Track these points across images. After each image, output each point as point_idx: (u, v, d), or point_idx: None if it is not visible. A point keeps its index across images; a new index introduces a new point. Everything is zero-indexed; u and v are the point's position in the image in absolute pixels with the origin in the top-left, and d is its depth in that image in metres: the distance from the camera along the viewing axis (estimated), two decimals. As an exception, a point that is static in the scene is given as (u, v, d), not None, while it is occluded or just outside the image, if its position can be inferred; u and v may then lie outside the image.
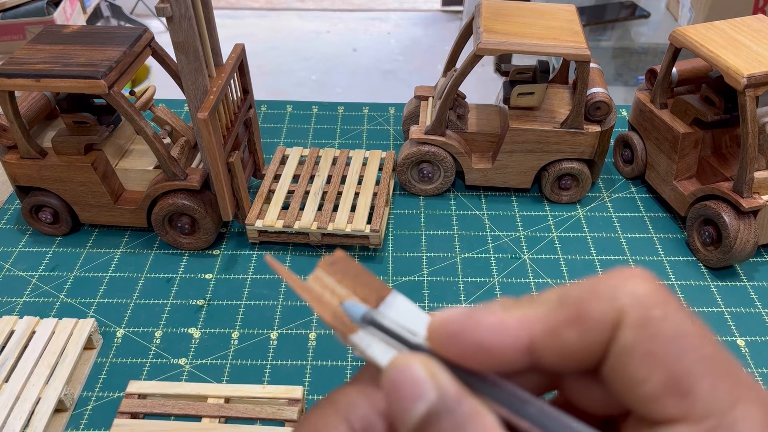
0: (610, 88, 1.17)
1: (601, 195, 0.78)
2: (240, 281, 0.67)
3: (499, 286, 0.66)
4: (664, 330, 0.18)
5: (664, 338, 0.18)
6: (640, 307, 0.18)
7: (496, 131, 0.76)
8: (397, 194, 0.78)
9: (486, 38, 0.66)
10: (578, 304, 0.19)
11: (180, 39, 0.56)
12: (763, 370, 0.58)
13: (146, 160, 0.69)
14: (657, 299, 0.18)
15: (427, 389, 0.18)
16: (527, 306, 0.20)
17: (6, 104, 0.61)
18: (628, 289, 0.19)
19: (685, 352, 0.18)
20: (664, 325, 0.18)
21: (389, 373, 0.19)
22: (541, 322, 0.19)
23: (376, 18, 2.92)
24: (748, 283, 0.67)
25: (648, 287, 0.19)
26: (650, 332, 0.18)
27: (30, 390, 0.53)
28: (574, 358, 0.19)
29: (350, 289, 0.22)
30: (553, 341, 0.19)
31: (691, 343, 0.18)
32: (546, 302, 0.19)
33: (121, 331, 0.61)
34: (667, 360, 0.17)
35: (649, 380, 0.18)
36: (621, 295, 0.18)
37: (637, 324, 0.18)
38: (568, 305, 0.19)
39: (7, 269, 0.68)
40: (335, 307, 0.22)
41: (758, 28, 0.67)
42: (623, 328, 0.18)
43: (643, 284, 0.19)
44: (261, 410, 0.50)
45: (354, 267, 0.23)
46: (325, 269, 0.23)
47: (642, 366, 0.18)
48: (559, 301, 0.19)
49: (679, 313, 0.18)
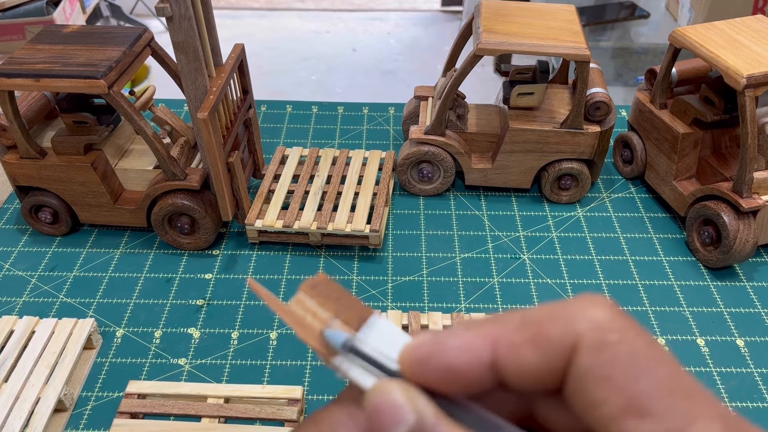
0: (610, 88, 1.17)
1: (600, 195, 0.78)
2: (240, 281, 0.67)
3: (499, 286, 0.66)
4: (620, 353, 0.18)
5: (620, 361, 0.18)
6: (596, 332, 0.19)
7: (496, 131, 0.76)
8: (397, 194, 0.78)
9: (486, 38, 0.66)
10: (538, 325, 0.20)
11: (180, 39, 0.56)
12: (762, 370, 0.58)
13: (146, 160, 0.69)
14: (614, 325, 0.19)
15: (405, 413, 0.19)
16: (490, 324, 0.20)
17: (6, 104, 0.61)
18: (587, 314, 0.19)
19: (641, 374, 0.18)
20: (620, 348, 0.19)
21: (371, 398, 0.20)
22: (502, 339, 0.20)
23: (375, 18, 2.92)
24: (748, 284, 0.67)
25: (606, 314, 0.19)
26: (606, 356, 0.18)
27: (29, 390, 0.53)
28: (534, 377, 0.20)
29: (332, 311, 0.23)
30: (513, 360, 0.20)
31: (647, 365, 0.18)
32: (508, 322, 0.20)
33: (121, 331, 0.61)
34: (624, 382, 0.18)
35: (608, 402, 0.18)
36: (579, 320, 0.19)
37: (593, 348, 0.19)
38: (528, 325, 0.20)
39: (7, 269, 0.68)
40: (317, 331, 0.22)
41: (758, 29, 0.67)
42: (581, 352, 0.19)
43: (603, 311, 0.19)
44: (261, 410, 0.50)
45: (336, 289, 0.23)
46: (306, 292, 0.23)
47: (600, 388, 0.18)
48: (521, 321, 0.20)
49: (636, 337, 0.19)
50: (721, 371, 0.58)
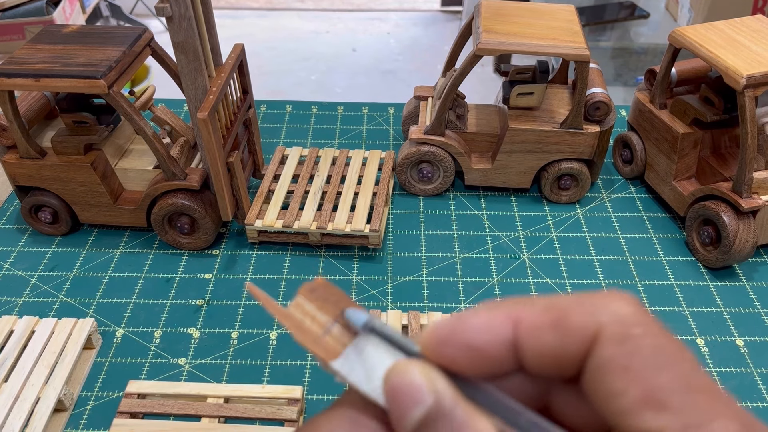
0: (610, 88, 1.17)
1: (600, 195, 0.78)
2: (240, 281, 0.67)
3: (499, 286, 0.66)
4: (642, 346, 0.18)
5: (642, 354, 0.18)
6: (619, 325, 0.19)
7: (496, 131, 0.76)
8: (397, 194, 0.78)
9: (485, 38, 0.66)
10: (561, 311, 0.20)
11: (180, 39, 0.56)
12: (762, 370, 0.58)
13: (146, 160, 0.69)
14: (638, 319, 0.19)
15: (424, 394, 0.19)
16: (514, 305, 0.20)
17: (6, 104, 0.61)
18: (611, 307, 0.19)
19: (662, 368, 0.18)
20: (643, 341, 0.18)
21: (390, 378, 0.20)
22: (525, 320, 0.20)
23: (375, 18, 2.92)
24: (748, 284, 0.67)
25: (631, 309, 0.19)
26: (628, 348, 0.18)
27: (29, 390, 0.53)
28: (553, 361, 0.20)
29: (331, 315, 0.23)
30: (534, 341, 0.20)
31: (669, 359, 0.18)
32: (533, 304, 0.20)
33: (121, 331, 0.61)
34: (644, 374, 0.18)
35: (626, 393, 0.18)
36: (603, 312, 0.19)
37: (615, 339, 0.19)
38: (552, 310, 0.20)
39: (7, 269, 0.68)
40: (316, 334, 0.22)
41: (757, 29, 0.67)
42: (602, 342, 0.19)
43: (628, 306, 0.19)
44: (260, 410, 0.50)
45: (335, 293, 0.23)
46: (305, 296, 0.23)
47: (619, 379, 0.18)
48: (546, 305, 0.20)
49: (660, 333, 0.19)
50: (721, 371, 0.58)
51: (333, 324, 0.22)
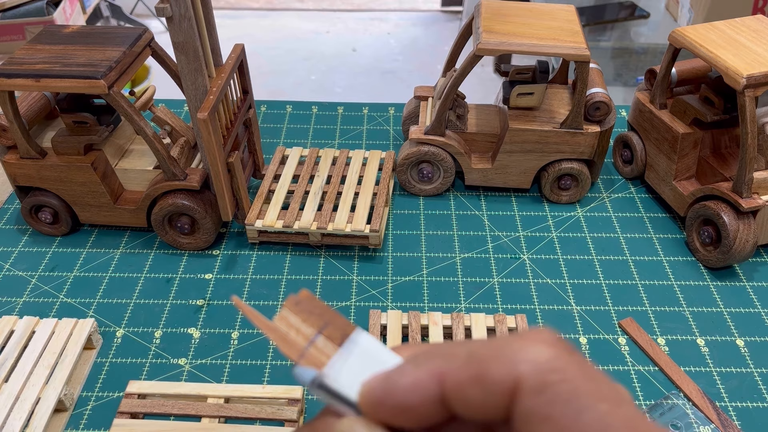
0: (610, 89, 1.17)
1: (600, 195, 0.78)
2: (240, 281, 0.67)
3: (499, 286, 0.66)
4: (560, 393, 0.19)
5: (560, 401, 0.19)
6: (537, 373, 0.19)
7: (496, 131, 0.76)
8: (397, 194, 0.78)
9: (486, 38, 0.66)
10: (481, 365, 0.20)
11: (180, 39, 0.56)
12: (762, 370, 0.58)
13: (146, 160, 0.69)
14: (555, 364, 0.19)
15: None
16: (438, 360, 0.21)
17: (6, 104, 0.61)
18: (529, 354, 0.20)
19: (580, 413, 0.18)
20: (560, 388, 0.19)
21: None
22: (448, 377, 0.20)
23: (375, 18, 2.92)
24: (748, 284, 0.67)
25: (549, 352, 0.20)
26: (547, 397, 0.19)
27: (30, 390, 0.53)
28: (482, 412, 0.20)
29: (315, 327, 0.23)
30: (460, 397, 0.20)
31: (587, 402, 0.19)
32: (455, 357, 0.21)
33: (121, 331, 0.61)
34: (564, 422, 0.18)
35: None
36: (521, 360, 0.19)
37: (534, 390, 0.19)
38: (473, 363, 0.20)
39: (7, 269, 0.68)
40: (300, 347, 0.23)
41: (758, 29, 0.67)
42: (522, 394, 0.19)
43: (546, 349, 0.20)
44: (261, 410, 0.50)
45: (319, 306, 0.24)
46: (290, 309, 0.24)
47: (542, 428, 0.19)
48: (467, 357, 0.20)
49: (578, 375, 0.19)
50: (721, 371, 0.58)
51: (317, 335, 0.23)
